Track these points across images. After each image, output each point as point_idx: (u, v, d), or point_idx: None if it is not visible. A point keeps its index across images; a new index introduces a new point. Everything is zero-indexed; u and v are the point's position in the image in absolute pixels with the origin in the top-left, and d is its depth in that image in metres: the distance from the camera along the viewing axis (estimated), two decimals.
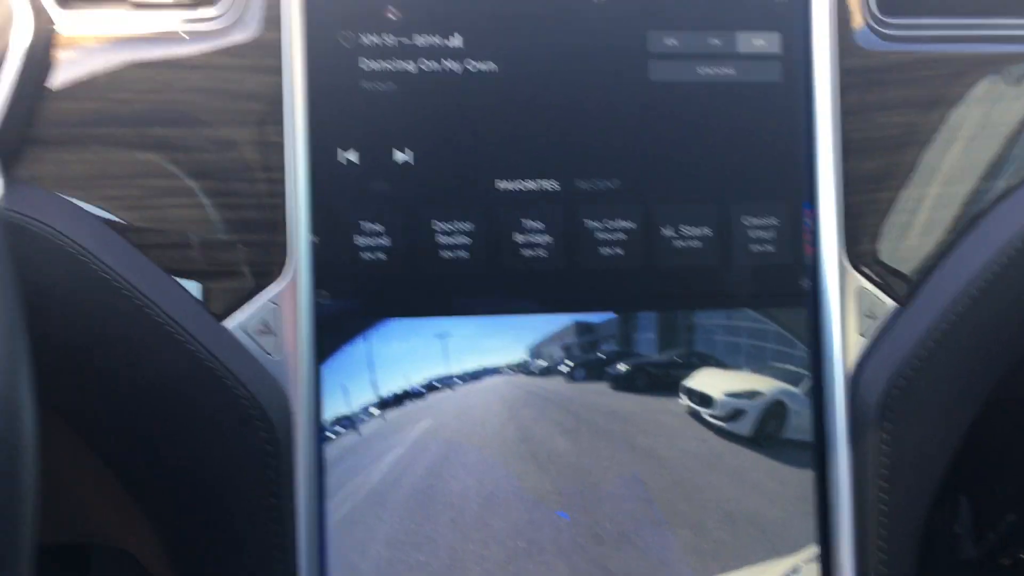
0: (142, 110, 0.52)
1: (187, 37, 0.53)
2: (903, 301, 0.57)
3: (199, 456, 0.51)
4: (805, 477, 0.57)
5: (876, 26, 0.58)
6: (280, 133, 0.52)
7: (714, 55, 0.56)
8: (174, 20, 0.53)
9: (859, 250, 0.57)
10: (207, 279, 0.52)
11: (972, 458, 0.62)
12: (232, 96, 0.52)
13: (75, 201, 0.51)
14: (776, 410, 0.57)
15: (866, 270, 0.57)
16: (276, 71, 0.52)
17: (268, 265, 0.53)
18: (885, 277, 0.57)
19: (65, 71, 0.52)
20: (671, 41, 0.56)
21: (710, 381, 0.56)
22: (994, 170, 0.59)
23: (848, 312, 0.57)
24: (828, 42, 0.57)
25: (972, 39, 0.59)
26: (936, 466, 0.58)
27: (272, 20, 0.53)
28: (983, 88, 0.59)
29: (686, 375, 0.56)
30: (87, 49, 0.52)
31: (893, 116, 0.58)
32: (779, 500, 0.56)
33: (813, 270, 0.57)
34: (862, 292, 0.57)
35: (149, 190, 0.52)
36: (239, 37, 0.53)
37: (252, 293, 0.52)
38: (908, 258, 0.58)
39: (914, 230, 0.58)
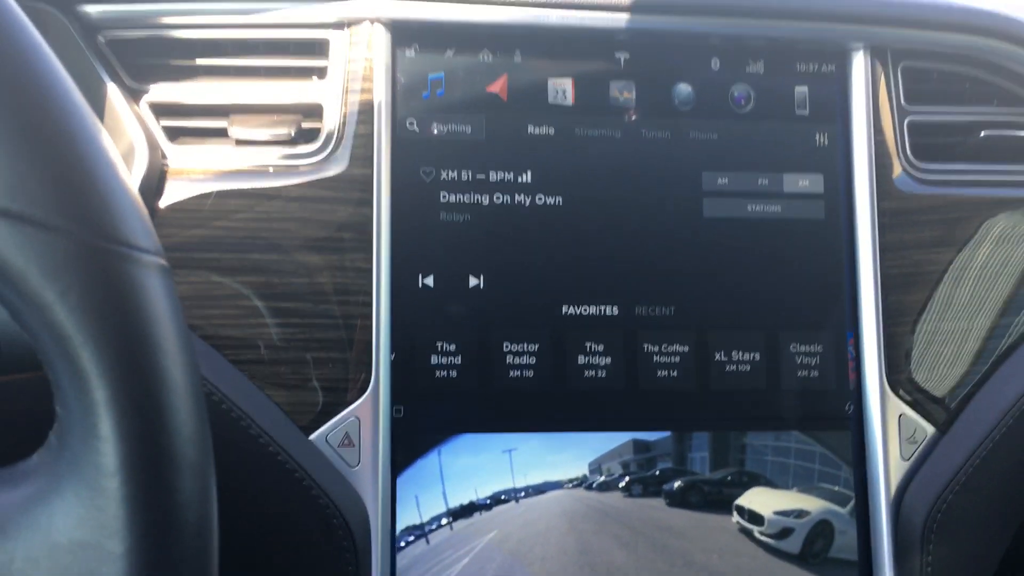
0: (242, 237, 0.57)
1: (272, 171, 0.58)
2: (942, 427, 0.61)
3: (284, 561, 0.54)
4: None
5: (912, 171, 0.63)
6: (366, 260, 0.57)
7: (762, 194, 0.61)
8: (273, 156, 0.58)
9: (899, 378, 0.61)
10: (295, 394, 0.56)
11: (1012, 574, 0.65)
12: (323, 225, 0.57)
13: None
14: (823, 529, 0.60)
15: (907, 396, 0.61)
16: (364, 203, 0.57)
17: (350, 381, 0.56)
18: (924, 404, 0.61)
19: (174, 200, 0.57)
20: (723, 180, 0.61)
21: (760, 500, 0.59)
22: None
23: (890, 436, 0.60)
24: (867, 184, 0.61)
25: (1000, 184, 0.64)
26: None
27: (362, 157, 0.58)
28: (1011, 228, 0.63)
29: (737, 493, 0.59)
30: (194, 180, 0.57)
31: (928, 254, 0.62)
32: None
33: (857, 396, 0.61)
34: (903, 418, 0.60)
35: (245, 310, 0.56)
36: (332, 172, 0.58)
37: (335, 407, 0.56)
38: (945, 386, 0.62)
39: (951, 360, 0.62)
